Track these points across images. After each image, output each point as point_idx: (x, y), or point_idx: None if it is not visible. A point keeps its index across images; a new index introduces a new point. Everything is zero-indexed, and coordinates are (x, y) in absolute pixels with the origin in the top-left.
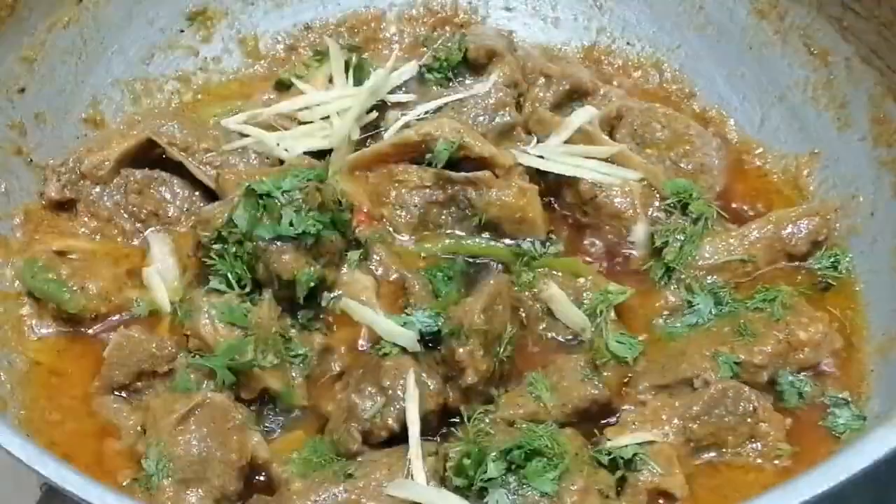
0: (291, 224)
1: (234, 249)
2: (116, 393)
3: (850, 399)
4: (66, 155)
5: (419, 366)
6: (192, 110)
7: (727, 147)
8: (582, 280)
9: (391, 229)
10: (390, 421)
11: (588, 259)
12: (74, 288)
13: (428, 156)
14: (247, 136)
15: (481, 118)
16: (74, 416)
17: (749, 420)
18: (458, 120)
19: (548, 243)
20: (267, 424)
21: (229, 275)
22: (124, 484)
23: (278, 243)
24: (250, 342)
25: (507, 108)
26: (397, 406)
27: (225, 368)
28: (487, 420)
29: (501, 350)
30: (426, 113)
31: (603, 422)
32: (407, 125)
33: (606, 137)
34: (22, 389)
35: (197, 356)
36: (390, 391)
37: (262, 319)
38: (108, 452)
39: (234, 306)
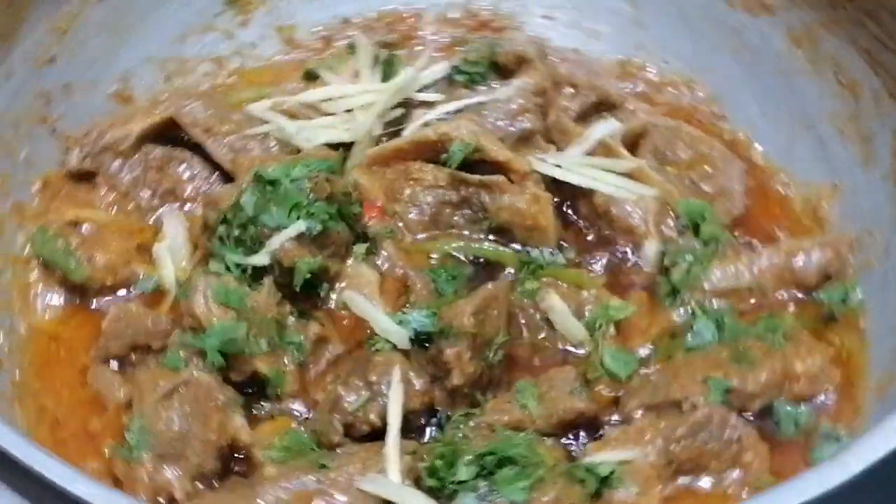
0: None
1: (237, 233)
2: (111, 364)
3: (842, 435)
4: (89, 127)
5: (408, 364)
6: (223, 93)
7: (752, 171)
8: (585, 293)
9: (402, 225)
10: (372, 416)
11: (595, 272)
12: (81, 257)
13: (443, 156)
14: (269, 122)
15: (501, 122)
16: (69, 384)
17: (733, 447)
18: (477, 122)
19: (557, 253)
20: (256, 409)
21: (230, 256)
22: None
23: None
24: (242, 326)
25: (528, 115)
26: (381, 401)
27: (216, 350)
28: (471, 424)
29: (492, 355)
30: (447, 113)
31: (587, 436)
32: (427, 124)
33: (626, 152)
34: (20, 353)
35: (190, 334)
36: (375, 386)
37: (258, 304)
38: (94, 424)
39: (230, 288)
